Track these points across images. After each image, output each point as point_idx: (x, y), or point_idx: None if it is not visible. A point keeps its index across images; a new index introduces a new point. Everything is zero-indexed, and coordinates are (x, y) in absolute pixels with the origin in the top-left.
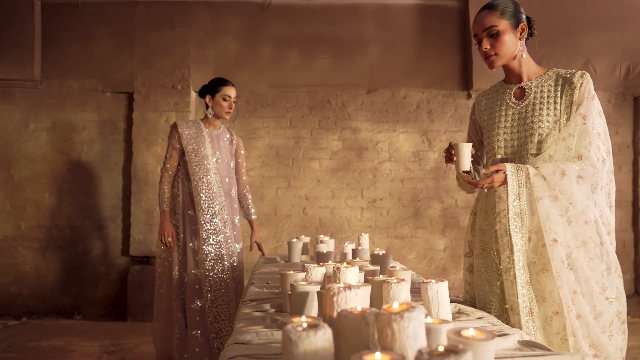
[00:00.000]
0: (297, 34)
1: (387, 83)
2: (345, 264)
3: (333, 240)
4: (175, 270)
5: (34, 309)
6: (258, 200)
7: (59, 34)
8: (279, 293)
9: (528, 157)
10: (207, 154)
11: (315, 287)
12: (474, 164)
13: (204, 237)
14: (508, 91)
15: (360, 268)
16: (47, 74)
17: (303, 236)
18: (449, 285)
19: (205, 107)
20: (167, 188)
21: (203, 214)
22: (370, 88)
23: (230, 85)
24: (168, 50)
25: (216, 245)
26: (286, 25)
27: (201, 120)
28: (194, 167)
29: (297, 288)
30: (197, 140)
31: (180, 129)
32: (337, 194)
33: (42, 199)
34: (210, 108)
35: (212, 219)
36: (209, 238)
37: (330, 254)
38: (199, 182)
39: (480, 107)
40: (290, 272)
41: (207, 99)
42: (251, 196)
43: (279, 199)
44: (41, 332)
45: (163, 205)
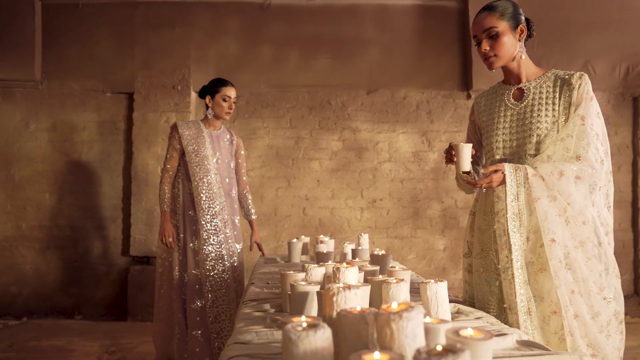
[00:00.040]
0: (297, 35)
1: (386, 83)
2: (345, 264)
3: (333, 241)
4: (176, 270)
5: (34, 308)
6: (258, 200)
7: (60, 35)
8: (279, 293)
9: (526, 157)
10: (208, 155)
11: (315, 287)
12: (473, 164)
13: (205, 237)
14: (507, 92)
15: (359, 268)
16: (48, 75)
17: (303, 236)
18: (448, 285)
19: (205, 107)
20: (167, 188)
21: (203, 214)
22: (370, 88)
23: (230, 85)
24: (168, 50)
25: (217, 246)
26: (286, 25)
27: (201, 120)
28: (194, 168)
29: (297, 288)
30: (197, 140)
31: (181, 130)
32: (337, 194)
33: (42, 199)
34: (210, 109)
35: (213, 219)
36: (210, 238)
37: (330, 254)
38: (200, 182)
39: (479, 108)
40: (290, 272)
41: (207, 99)
42: (251, 196)
43: (279, 199)
44: (42, 332)
45: (164, 205)
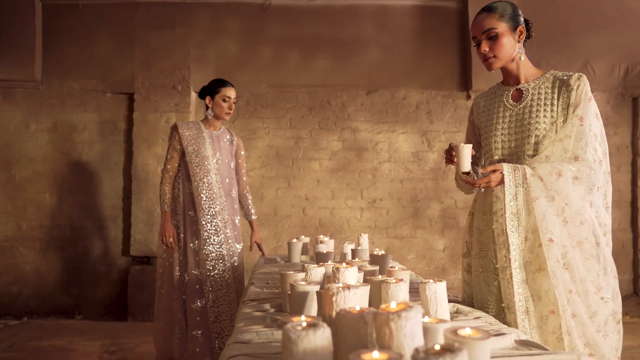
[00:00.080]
0: (297, 35)
1: (386, 84)
2: (345, 264)
3: (333, 241)
4: (176, 270)
5: (34, 308)
6: (258, 200)
7: (60, 35)
8: (279, 293)
9: (525, 158)
10: (208, 155)
11: (315, 287)
12: (472, 165)
13: (205, 238)
14: (506, 93)
15: (359, 268)
16: (48, 75)
17: (303, 236)
18: (448, 285)
19: (205, 108)
20: (168, 189)
21: (204, 215)
22: (370, 89)
23: (229, 86)
24: (168, 51)
25: (217, 246)
26: (286, 26)
27: (201, 121)
28: (194, 168)
29: (297, 288)
30: (197, 141)
31: (181, 130)
32: (336, 194)
33: (42, 199)
34: (210, 109)
35: (213, 219)
36: (210, 238)
37: (329, 254)
38: (200, 182)
39: (478, 109)
40: (290, 272)
41: (207, 100)
42: (251, 196)
43: (279, 199)
44: (42, 332)
45: (164, 206)
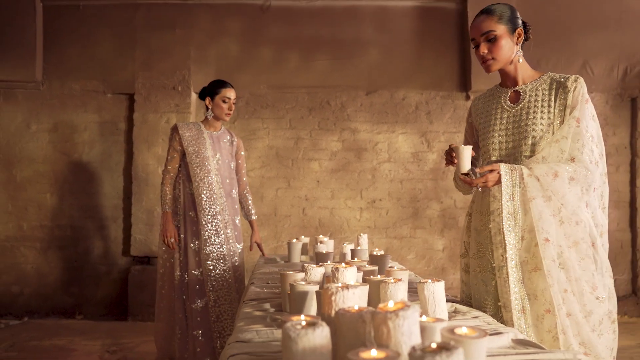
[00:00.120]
0: (297, 36)
1: (386, 84)
2: (344, 264)
3: (332, 241)
4: (177, 271)
5: (35, 308)
6: (258, 200)
7: (61, 36)
8: (279, 293)
9: (522, 159)
10: (208, 155)
11: (314, 287)
12: (471, 165)
13: (206, 238)
14: (503, 94)
15: (358, 268)
16: (49, 76)
17: (302, 236)
18: (447, 285)
19: (205, 109)
20: (169, 189)
21: (204, 215)
22: (370, 89)
23: (229, 87)
24: (169, 51)
25: (217, 246)
26: (286, 27)
27: (201, 122)
28: (195, 169)
29: (297, 288)
30: (197, 141)
31: (181, 131)
32: (336, 194)
33: (43, 199)
34: (210, 110)
35: (213, 219)
36: (210, 238)
37: (329, 254)
38: (200, 183)
39: (476, 110)
40: (290, 272)
41: (207, 101)
42: (251, 197)
43: (279, 199)
44: (43, 332)
45: (165, 206)
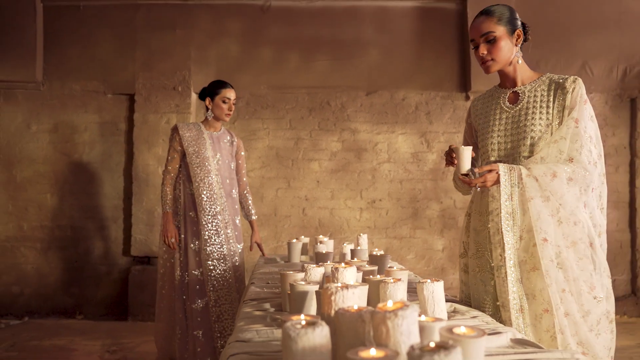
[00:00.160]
0: (297, 36)
1: (386, 85)
2: (344, 264)
3: (332, 241)
4: (177, 271)
5: (35, 308)
6: (258, 200)
7: (61, 36)
8: (279, 292)
9: (520, 159)
10: (208, 156)
11: (314, 287)
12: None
13: (206, 238)
14: (502, 95)
15: (358, 268)
16: (49, 76)
17: (302, 237)
18: (447, 285)
19: (206, 109)
20: (169, 190)
21: (204, 215)
22: (370, 90)
23: (229, 87)
24: (169, 52)
25: (218, 246)
26: (286, 27)
27: (201, 122)
28: (195, 169)
29: (297, 288)
30: (197, 142)
31: (181, 131)
32: (336, 194)
33: (44, 199)
34: (210, 110)
35: (214, 219)
36: (211, 238)
37: (329, 255)
38: (200, 183)
39: (475, 111)
40: (290, 272)
41: (207, 101)
42: (251, 197)
43: (279, 199)
44: (43, 332)
45: (166, 206)
